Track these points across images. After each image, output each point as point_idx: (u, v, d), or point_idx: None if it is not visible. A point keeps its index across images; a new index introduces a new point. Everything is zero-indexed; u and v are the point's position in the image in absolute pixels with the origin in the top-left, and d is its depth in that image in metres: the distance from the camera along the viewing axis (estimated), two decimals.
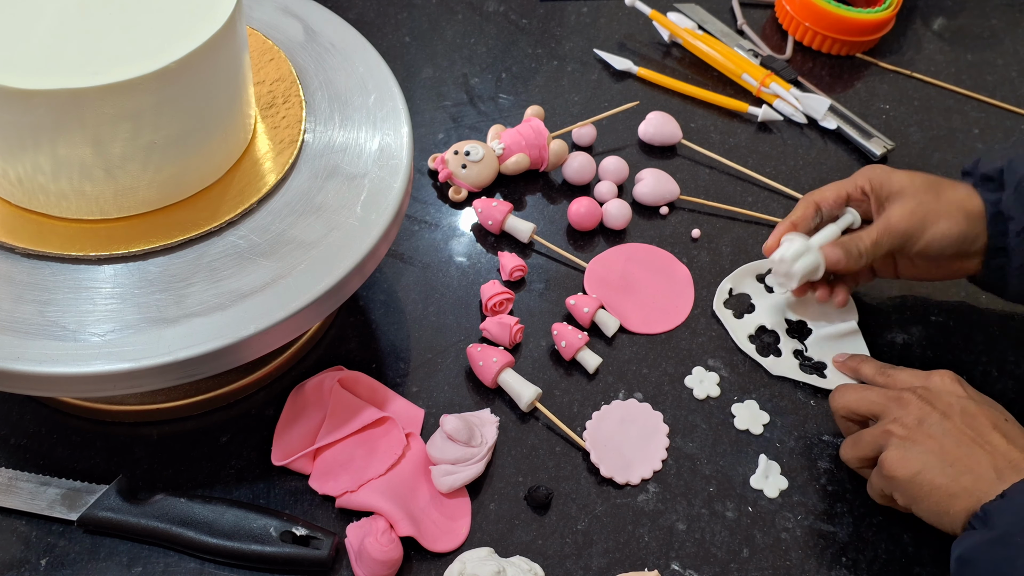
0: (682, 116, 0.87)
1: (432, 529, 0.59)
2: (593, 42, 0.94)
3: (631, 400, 0.67)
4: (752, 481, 0.64)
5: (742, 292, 0.75)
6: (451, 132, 0.84)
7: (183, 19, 0.54)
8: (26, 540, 0.57)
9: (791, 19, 0.96)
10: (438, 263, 0.74)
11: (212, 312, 0.54)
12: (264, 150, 0.62)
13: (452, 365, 0.68)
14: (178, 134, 0.55)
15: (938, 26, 1.02)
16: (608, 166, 0.80)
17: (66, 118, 0.51)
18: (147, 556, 0.57)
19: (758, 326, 0.72)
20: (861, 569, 0.61)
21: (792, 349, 0.71)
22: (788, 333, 0.72)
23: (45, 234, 0.56)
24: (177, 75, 0.52)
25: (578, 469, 0.64)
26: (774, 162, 0.86)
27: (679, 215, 0.80)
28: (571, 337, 0.68)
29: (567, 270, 0.75)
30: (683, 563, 0.60)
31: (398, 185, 0.61)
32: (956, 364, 0.71)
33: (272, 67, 0.66)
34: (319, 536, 0.57)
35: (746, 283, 0.75)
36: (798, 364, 0.70)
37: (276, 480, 0.61)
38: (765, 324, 0.72)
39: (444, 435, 0.61)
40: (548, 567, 0.59)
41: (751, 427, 0.67)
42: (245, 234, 0.58)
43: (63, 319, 0.53)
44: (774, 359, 0.71)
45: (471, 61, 0.91)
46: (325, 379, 0.64)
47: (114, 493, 0.58)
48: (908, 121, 0.91)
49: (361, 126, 0.64)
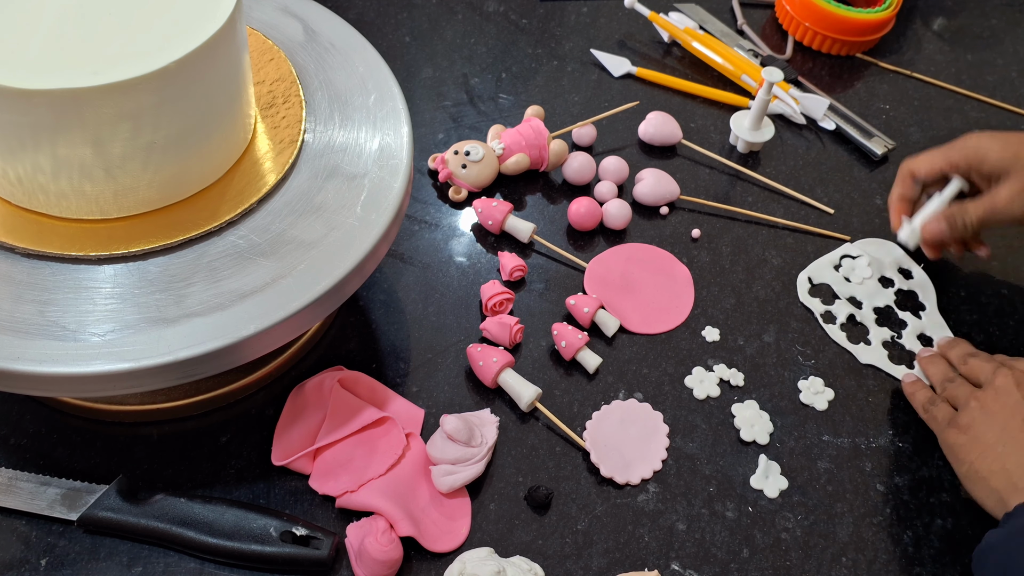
0: (682, 116, 0.87)
1: (432, 529, 0.59)
2: (593, 42, 0.94)
3: (631, 400, 0.68)
4: (752, 481, 0.64)
5: (822, 282, 0.76)
6: (451, 132, 0.84)
7: (183, 19, 0.54)
8: (26, 540, 0.57)
9: (791, 19, 0.96)
10: (438, 263, 0.74)
11: (212, 312, 0.54)
12: (264, 150, 0.62)
13: (452, 365, 0.68)
14: (178, 134, 0.55)
15: (938, 26, 1.02)
16: (608, 166, 0.80)
17: (66, 118, 0.51)
18: (147, 556, 0.57)
19: (848, 314, 0.74)
20: (861, 569, 0.61)
21: (882, 339, 0.73)
22: (876, 323, 0.74)
23: (45, 234, 0.56)
24: (177, 75, 0.52)
25: (578, 469, 0.64)
26: (774, 162, 0.86)
27: (679, 215, 0.80)
28: (571, 337, 0.68)
29: (567, 270, 0.75)
30: (683, 563, 0.60)
31: (398, 185, 0.61)
32: None
33: (272, 67, 0.66)
34: (319, 536, 0.57)
35: (825, 273, 0.77)
36: (886, 355, 0.72)
37: (276, 480, 0.61)
38: (853, 313, 0.74)
39: (444, 435, 0.61)
40: (548, 567, 0.59)
41: (753, 427, 0.67)
42: (245, 234, 0.58)
43: (63, 319, 0.53)
44: (864, 347, 0.72)
45: (471, 61, 0.91)
46: (325, 379, 0.64)
47: (114, 493, 0.58)
48: (908, 121, 0.91)
49: (361, 126, 0.64)
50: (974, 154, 0.69)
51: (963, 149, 0.69)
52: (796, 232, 0.80)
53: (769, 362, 0.71)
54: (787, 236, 0.80)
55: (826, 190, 0.84)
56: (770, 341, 0.72)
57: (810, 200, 0.82)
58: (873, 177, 0.85)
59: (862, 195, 0.84)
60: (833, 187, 0.84)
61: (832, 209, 0.82)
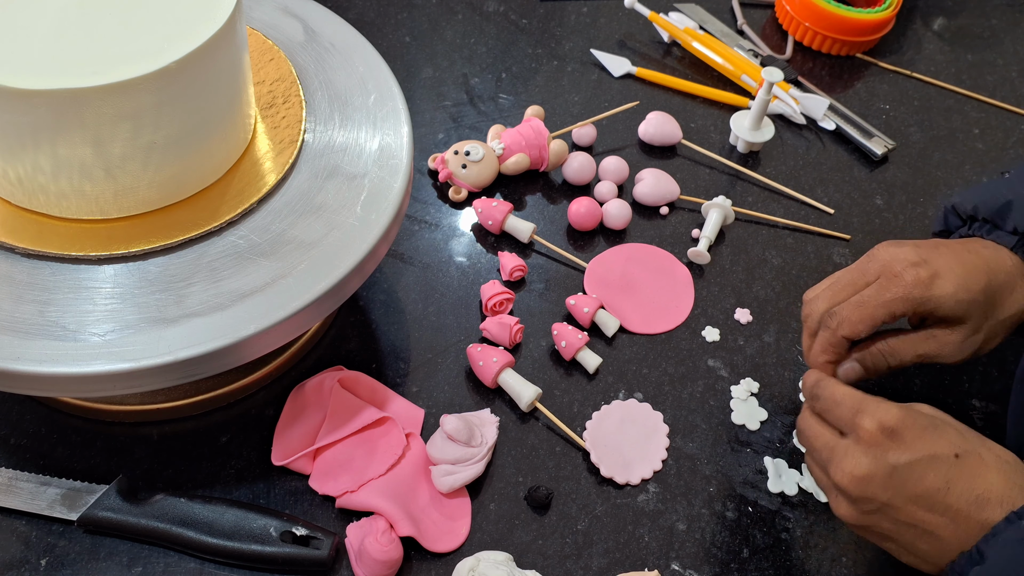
0: (682, 116, 0.87)
1: (432, 529, 0.59)
2: (593, 42, 0.94)
3: (631, 400, 0.67)
4: (770, 486, 0.64)
5: None
6: (451, 132, 0.84)
7: (183, 19, 0.54)
8: (26, 540, 0.57)
9: (791, 19, 0.96)
10: (438, 263, 0.74)
11: (212, 312, 0.54)
12: (264, 150, 0.62)
13: (452, 365, 0.68)
14: (178, 134, 0.55)
15: (938, 26, 1.02)
16: (608, 166, 0.80)
17: (66, 118, 0.51)
18: (147, 556, 0.57)
19: None
20: (861, 569, 0.61)
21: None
22: None
23: (45, 234, 0.56)
24: (177, 75, 0.52)
25: (578, 469, 0.64)
26: (774, 162, 0.86)
27: (679, 215, 0.80)
28: (571, 337, 0.68)
29: (567, 270, 0.75)
30: (683, 563, 0.60)
31: (398, 185, 0.61)
32: (958, 369, 0.71)
33: (272, 67, 0.66)
34: (319, 536, 0.57)
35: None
36: None
37: (276, 480, 0.61)
38: None
39: (444, 435, 0.61)
40: (548, 567, 0.59)
41: (748, 423, 0.67)
42: (245, 234, 0.58)
43: (63, 319, 0.53)
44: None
45: (471, 61, 0.91)
46: (325, 379, 0.64)
47: (114, 493, 0.58)
48: (908, 121, 0.91)
49: (361, 126, 0.64)
50: (923, 307, 0.57)
51: (908, 302, 0.56)
52: (796, 232, 0.80)
53: (769, 362, 0.71)
54: (787, 236, 0.80)
55: (826, 190, 0.84)
56: (770, 341, 0.72)
57: (810, 200, 0.82)
58: (873, 177, 0.85)
59: (862, 195, 0.84)
60: (833, 187, 0.84)
61: (832, 209, 0.82)
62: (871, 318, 0.57)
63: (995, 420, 0.68)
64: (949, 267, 0.57)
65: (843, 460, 0.52)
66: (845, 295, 0.58)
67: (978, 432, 0.53)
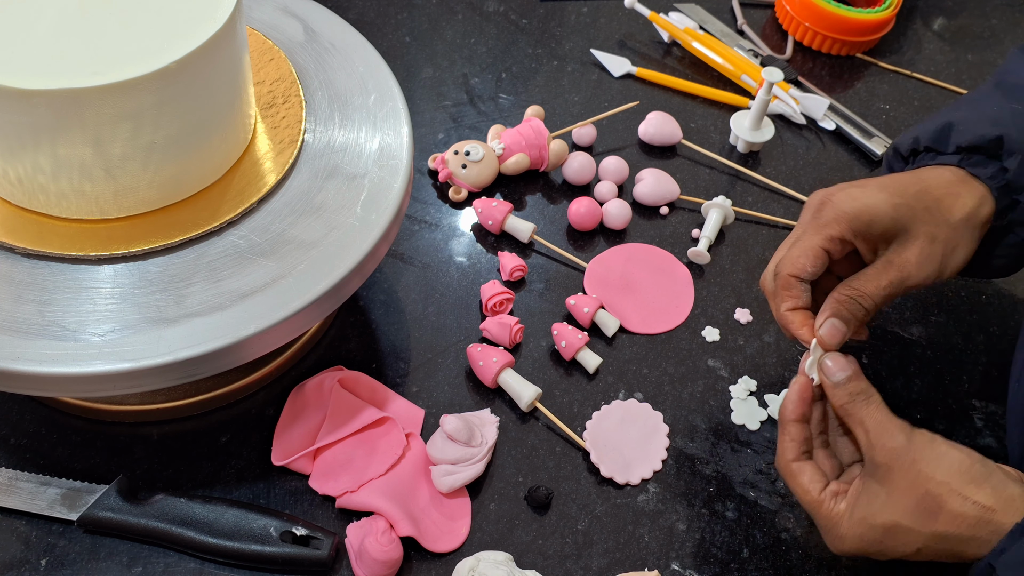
0: (682, 116, 0.87)
1: (432, 529, 0.59)
2: (593, 42, 0.94)
3: (631, 400, 0.68)
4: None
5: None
6: (451, 132, 0.84)
7: (183, 19, 0.54)
8: (26, 540, 0.57)
9: (791, 19, 0.96)
10: (438, 263, 0.74)
11: (212, 312, 0.54)
12: (264, 150, 0.62)
13: (452, 365, 0.68)
14: (178, 134, 0.55)
15: (938, 26, 1.02)
16: (608, 166, 0.80)
17: (66, 118, 0.51)
18: (147, 556, 0.57)
19: None
20: (861, 569, 0.61)
21: None
22: None
23: (45, 234, 0.56)
24: (177, 75, 0.52)
25: (578, 469, 0.64)
26: (774, 162, 0.86)
27: (679, 215, 0.80)
28: (571, 337, 0.68)
29: (567, 270, 0.75)
30: (683, 563, 0.60)
31: (398, 185, 0.61)
32: (956, 364, 0.71)
33: (272, 67, 0.66)
34: (319, 536, 0.57)
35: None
36: None
37: (276, 480, 0.61)
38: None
39: (444, 435, 0.61)
40: (548, 567, 0.59)
41: (747, 423, 0.67)
42: (245, 234, 0.58)
43: (63, 319, 0.53)
44: None
45: (471, 61, 0.91)
46: (325, 379, 0.64)
47: (114, 493, 0.58)
48: (908, 121, 0.91)
49: (361, 126, 0.64)
50: (858, 221, 0.55)
51: (841, 220, 0.55)
52: None
53: (769, 362, 0.71)
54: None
55: None
56: (770, 341, 0.72)
57: None
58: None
59: None
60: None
61: None
62: (810, 249, 0.56)
63: (995, 420, 0.68)
64: (879, 183, 0.57)
65: (826, 535, 0.55)
66: (787, 247, 0.58)
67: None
